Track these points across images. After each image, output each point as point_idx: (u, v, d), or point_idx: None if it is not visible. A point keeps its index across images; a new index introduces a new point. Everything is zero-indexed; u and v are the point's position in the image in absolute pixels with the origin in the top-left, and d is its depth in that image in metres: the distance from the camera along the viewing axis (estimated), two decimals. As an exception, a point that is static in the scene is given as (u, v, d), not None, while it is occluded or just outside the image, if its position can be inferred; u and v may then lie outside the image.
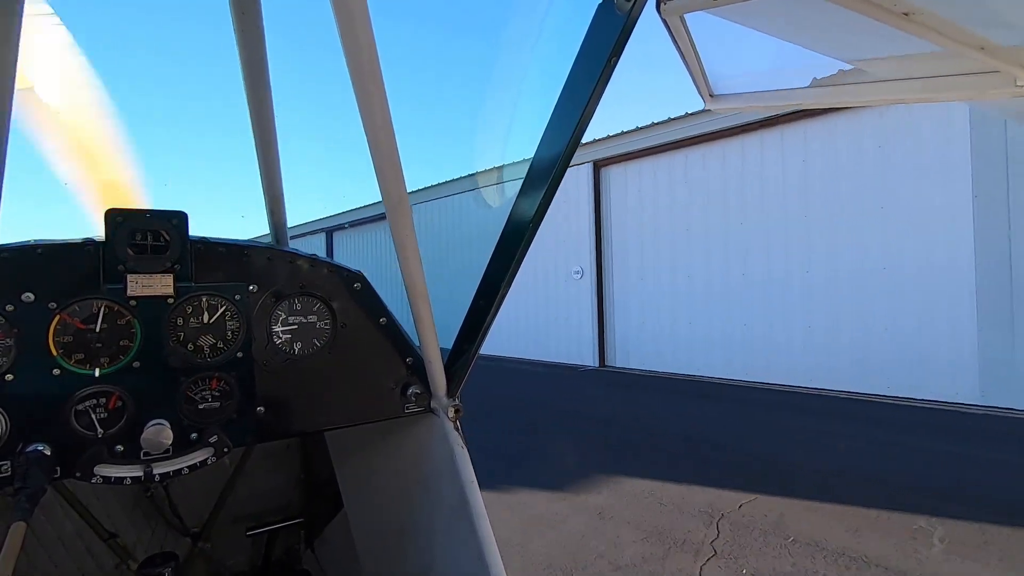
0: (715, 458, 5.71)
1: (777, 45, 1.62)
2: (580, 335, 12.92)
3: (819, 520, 4.09)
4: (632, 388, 10.22)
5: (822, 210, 8.91)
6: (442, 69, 42.17)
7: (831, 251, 8.85)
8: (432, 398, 1.46)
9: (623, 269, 12.28)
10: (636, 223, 11.93)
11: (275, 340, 1.29)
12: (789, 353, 9.34)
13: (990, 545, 3.63)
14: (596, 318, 12.59)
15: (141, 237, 1.16)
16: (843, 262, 8.70)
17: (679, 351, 11.18)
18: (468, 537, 1.27)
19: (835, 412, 7.66)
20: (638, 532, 4.00)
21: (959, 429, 6.59)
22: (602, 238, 12.58)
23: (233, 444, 1.24)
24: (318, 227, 23.57)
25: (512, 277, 1.35)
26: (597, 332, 12.58)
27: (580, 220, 12.81)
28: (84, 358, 1.11)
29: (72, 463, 1.09)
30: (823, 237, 8.92)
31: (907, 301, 8.02)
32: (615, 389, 10.26)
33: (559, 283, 13.35)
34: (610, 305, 12.51)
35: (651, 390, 9.92)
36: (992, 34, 1.36)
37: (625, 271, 12.21)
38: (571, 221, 12.92)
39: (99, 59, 1.81)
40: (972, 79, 1.55)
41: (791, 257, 9.35)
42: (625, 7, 1.11)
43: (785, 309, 9.42)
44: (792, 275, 9.33)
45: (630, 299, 12.12)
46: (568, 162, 1.23)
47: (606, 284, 12.63)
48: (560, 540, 3.92)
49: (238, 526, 1.97)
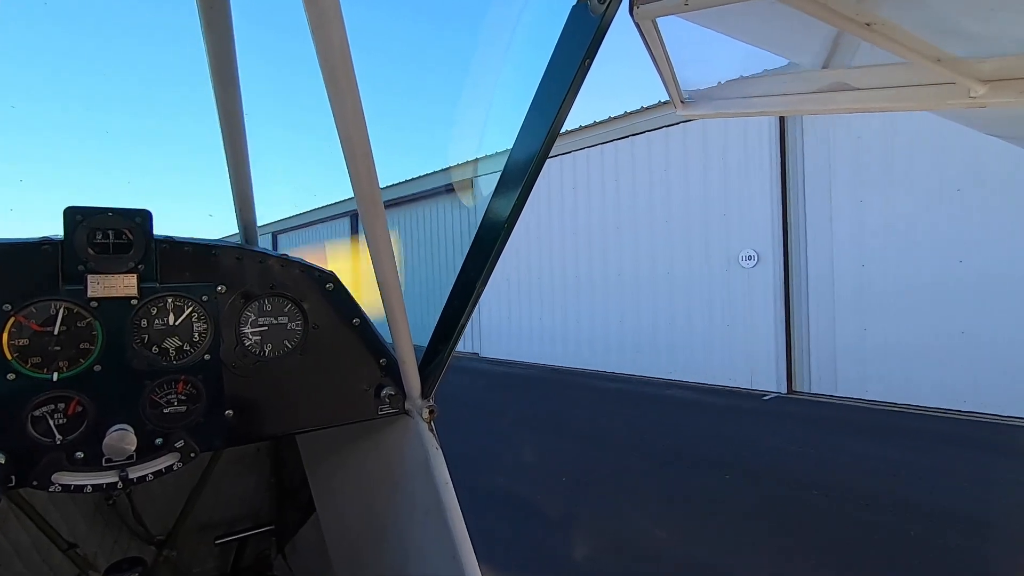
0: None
1: (748, 52, 1.66)
2: (755, 347, 8.88)
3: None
4: (874, 434, 6.36)
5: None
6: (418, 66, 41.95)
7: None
8: (406, 399, 1.45)
9: (823, 250, 8.16)
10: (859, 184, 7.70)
11: (244, 342, 1.26)
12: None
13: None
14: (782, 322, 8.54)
15: (102, 236, 1.12)
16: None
17: (922, 370, 7.23)
18: (443, 538, 1.27)
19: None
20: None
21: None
22: (789, 210, 8.50)
23: (200, 449, 1.21)
24: (341, 210, 20.36)
25: (488, 277, 1.35)
26: (784, 343, 8.52)
27: (752, 182, 8.70)
28: (41, 362, 1.07)
29: (28, 471, 1.05)
30: None
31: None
32: (853, 436, 6.33)
33: (720, 273, 9.31)
34: (802, 303, 8.46)
35: (894, 435, 6.27)
36: (948, 46, 1.42)
37: (827, 253, 8.13)
38: (733, 184, 8.96)
39: (60, 49, 1.74)
40: (931, 90, 1.61)
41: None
42: (599, 9, 1.12)
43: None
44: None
45: (841, 292, 8.02)
46: (543, 162, 1.24)
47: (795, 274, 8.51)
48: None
49: (206, 533, 1.92)
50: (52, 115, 27.37)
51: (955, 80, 1.49)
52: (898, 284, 7.46)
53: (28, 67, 25.29)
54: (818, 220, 8.25)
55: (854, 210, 7.87)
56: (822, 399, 8.05)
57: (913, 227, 7.35)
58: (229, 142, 1.35)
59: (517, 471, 5.54)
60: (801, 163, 8.39)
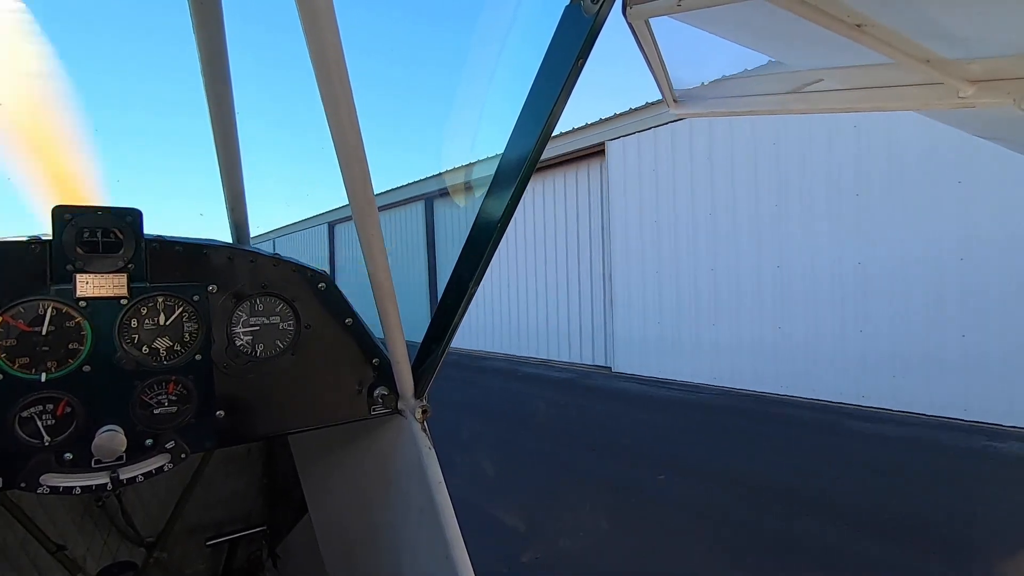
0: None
1: (739, 52, 1.67)
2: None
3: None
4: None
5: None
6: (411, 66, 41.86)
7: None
8: (399, 399, 1.45)
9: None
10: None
11: (235, 342, 1.26)
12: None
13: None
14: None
15: (91, 235, 1.11)
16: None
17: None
18: (436, 538, 1.27)
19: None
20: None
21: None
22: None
23: (191, 450, 1.20)
24: (413, 193, 17.74)
25: (481, 276, 1.35)
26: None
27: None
28: (29, 362, 1.06)
29: (16, 473, 1.04)
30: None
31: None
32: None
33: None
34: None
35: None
36: (937, 47, 1.43)
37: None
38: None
39: (51, 44, 1.72)
40: (919, 90, 1.63)
41: None
42: (592, 9, 1.12)
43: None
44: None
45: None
46: (536, 162, 1.24)
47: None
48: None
49: (196, 535, 1.91)
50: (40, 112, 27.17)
51: (943, 81, 1.51)
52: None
53: (29, 75, 25.06)
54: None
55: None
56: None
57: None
58: (221, 140, 1.34)
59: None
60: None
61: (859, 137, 7.38)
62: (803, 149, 7.97)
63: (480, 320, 14.98)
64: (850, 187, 7.53)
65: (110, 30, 54.43)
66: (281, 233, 27.48)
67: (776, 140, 8.24)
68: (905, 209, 7.06)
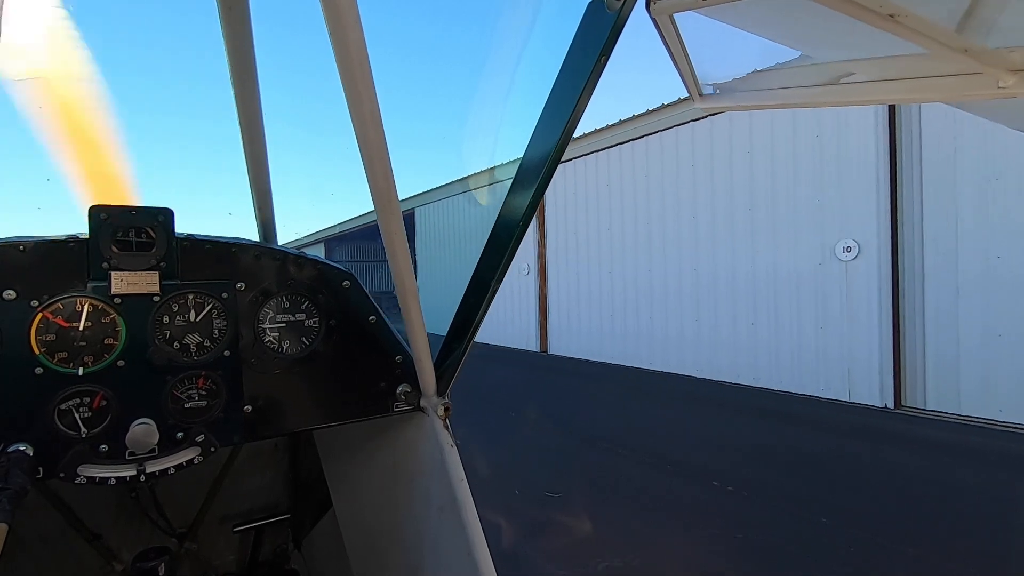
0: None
1: (765, 45, 1.63)
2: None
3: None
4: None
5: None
6: (433, 65, 42.05)
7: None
8: (421, 396, 1.46)
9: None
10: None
11: (263, 338, 1.28)
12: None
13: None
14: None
15: (125, 234, 1.15)
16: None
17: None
18: (458, 534, 1.27)
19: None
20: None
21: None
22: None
23: (220, 443, 1.23)
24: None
25: (503, 275, 1.35)
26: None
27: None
28: (67, 357, 1.10)
29: (55, 463, 1.08)
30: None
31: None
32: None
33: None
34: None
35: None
36: (976, 37, 1.38)
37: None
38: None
39: (94, 54, 1.78)
40: (955, 80, 1.57)
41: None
42: (615, 6, 1.11)
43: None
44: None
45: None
46: (558, 161, 1.23)
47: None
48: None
49: (225, 526, 1.95)
50: (85, 121, 28.28)
51: (982, 70, 1.45)
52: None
53: (74, 82, 26.04)
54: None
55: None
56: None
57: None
58: (248, 141, 1.37)
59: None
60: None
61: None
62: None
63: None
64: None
65: (142, 36, 56.33)
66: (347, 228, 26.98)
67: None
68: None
